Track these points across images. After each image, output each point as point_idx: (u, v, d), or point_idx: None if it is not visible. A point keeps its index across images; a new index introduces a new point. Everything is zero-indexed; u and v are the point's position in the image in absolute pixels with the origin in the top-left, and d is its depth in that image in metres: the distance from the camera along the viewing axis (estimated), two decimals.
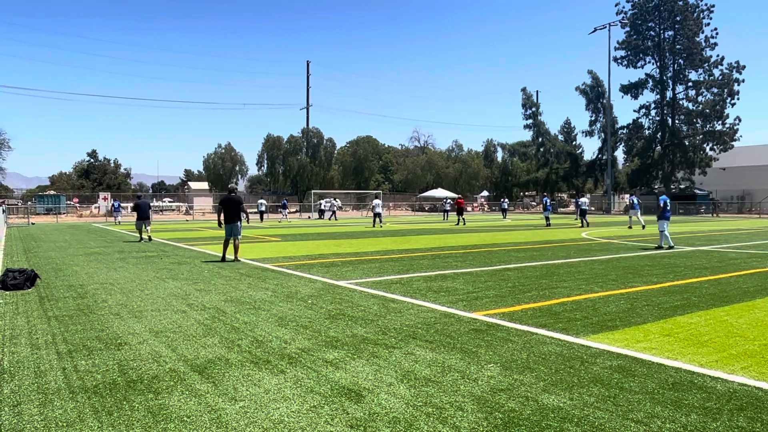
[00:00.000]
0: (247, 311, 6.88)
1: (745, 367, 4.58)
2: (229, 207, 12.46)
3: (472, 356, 4.91)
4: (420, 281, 9.27)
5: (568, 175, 61.51)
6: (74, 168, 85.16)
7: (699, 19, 52.73)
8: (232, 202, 12.53)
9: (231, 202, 12.52)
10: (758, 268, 10.90)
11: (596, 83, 58.63)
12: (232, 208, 12.45)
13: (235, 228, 12.43)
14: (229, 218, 12.42)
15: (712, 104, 52.34)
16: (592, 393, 3.98)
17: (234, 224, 12.44)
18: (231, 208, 12.46)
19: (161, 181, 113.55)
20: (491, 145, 76.92)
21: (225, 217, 12.43)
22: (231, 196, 12.67)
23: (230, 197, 12.62)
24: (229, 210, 12.43)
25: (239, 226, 12.53)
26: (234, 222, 12.43)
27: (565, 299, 7.56)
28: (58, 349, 5.18)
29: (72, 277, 10.04)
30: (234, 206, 12.49)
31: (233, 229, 12.43)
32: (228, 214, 12.41)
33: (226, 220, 12.43)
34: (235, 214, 12.44)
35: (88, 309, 7.06)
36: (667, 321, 6.22)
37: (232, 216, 12.41)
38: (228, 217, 12.42)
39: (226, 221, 12.44)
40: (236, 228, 12.45)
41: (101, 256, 13.80)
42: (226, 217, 12.42)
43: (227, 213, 12.40)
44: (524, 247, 15.80)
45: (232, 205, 12.48)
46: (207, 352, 5.08)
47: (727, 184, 54.30)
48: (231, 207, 12.46)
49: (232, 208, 12.45)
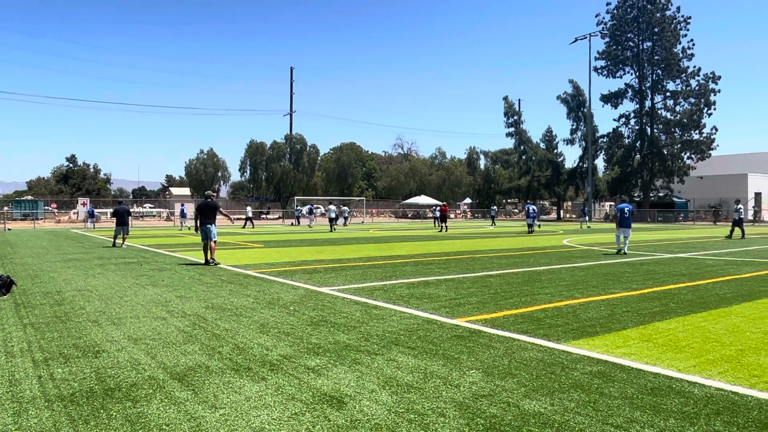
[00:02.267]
0: (228, 318, 6.82)
1: (722, 372, 4.65)
2: (205, 212, 13.12)
3: (455, 362, 4.92)
4: (403, 288, 9.27)
5: (549, 183, 62.09)
6: (53, 173, 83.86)
7: (676, 31, 53.80)
8: (208, 207, 13.26)
9: (207, 207, 13.24)
10: (734, 275, 11.10)
11: (577, 92, 59.39)
12: (209, 213, 13.11)
13: (209, 231, 12.92)
14: (205, 222, 13.00)
15: (690, 114, 53.34)
16: (573, 398, 4.01)
17: (209, 227, 12.98)
18: (207, 212, 13.12)
19: (142, 187, 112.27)
20: (474, 153, 77.46)
21: (201, 222, 13.07)
22: (207, 201, 13.40)
23: (207, 203, 13.36)
24: (205, 215, 13.08)
25: (214, 230, 13.03)
26: (210, 225, 13.01)
27: (547, 305, 7.62)
28: (34, 357, 5.08)
29: (49, 283, 9.86)
30: (210, 211, 13.17)
31: (209, 232, 12.92)
32: (204, 219, 13.02)
33: (202, 224, 13.04)
34: (211, 218, 13.09)
35: (65, 316, 6.93)
36: (647, 327, 6.30)
37: (208, 220, 13.02)
38: (204, 221, 13.01)
39: (202, 225, 13.04)
40: (211, 231, 12.94)
41: (79, 262, 13.58)
42: (202, 221, 13.04)
43: (203, 218, 13.05)
44: (507, 254, 15.90)
45: (208, 210, 13.17)
46: (187, 359, 5.02)
47: (704, 193, 55.29)
48: (207, 212, 13.13)
49: (208, 213, 13.11)
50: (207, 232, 12.93)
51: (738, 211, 24.83)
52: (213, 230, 13.01)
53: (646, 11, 54.21)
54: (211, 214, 13.15)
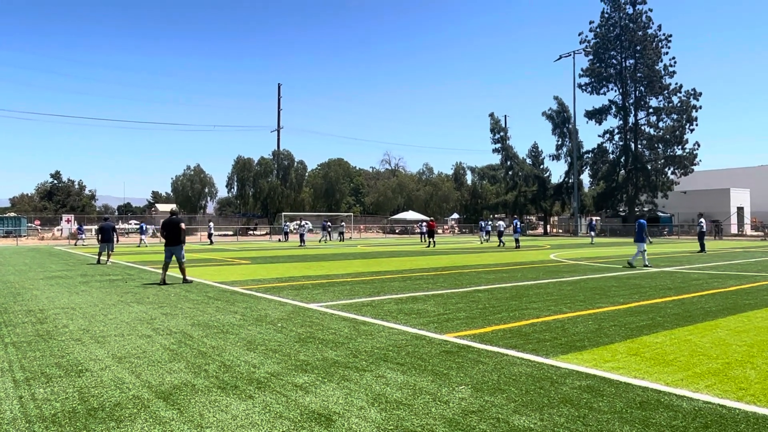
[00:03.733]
0: (214, 335, 6.74)
1: (709, 385, 4.67)
2: (169, 230, 12.40)
3: (444, 378, 4.89)
4: (391, 303, 9.24)
5: (536, 198, 62.56)
6: (37, 189, 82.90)
7: (658, 49, 54.84)
8: (172, 224, 12.45)
9: (171, 225, 12.44)
10: (719, 288, 11.21)
11: (562, 108, 60.16)
12: (173, 231, 12.38)
13: (176, 250, 12.31)
14: (169, 241, 12.37)
15: (672, 130, 54.18)
16: (562, 413, 4.00)
17: (175, 247, 12.32)
18: (171, 230, 12.39)
19: (127, 203, 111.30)
20: (461, 168, 77.87)
21: (166, 240, 12.42)
22: (172, 218, 12.57)
23: (171, 220, 12.54)
24: (169, 233, 12.38)
25: (180, 248, 12.36)
26: (174, 245, 12.32)
27: (535, 320, 7.63)
28: (15, 377, 4.97)
29: (31, 301, 9.69)
30: (174, 229, 12.39)
31: (174, 252, 12.32)
32: (168, 237, 12.39)
33: (167, 242, 12.40)
34: (175, 236, 12.34)
35: (47, 335, 6.81)
36: (634, 341, 6.33)
37: (172, 239, 12.34)
38: (168, 240, 12.38)
39: (166, 244, 12.41)
40: (178, 251, 12.31)
41: (63, 279, 13.38)
42: (167, 239, 12.40)
43: (167, 236, 12.39)
44: (494, 269, 15.93)
45: (172, 227, 12.41)
46: (172, 377, 4.94)
47: (688, 207, 56.00)
48: (171, 230, 12.40)
49: (172, 231, 12.38)
50: (172, 252, 12.30)
51: (699, 225, 25.26)
52: (179, 250, 12.30)
53: (629, 30, 55.27)
54: (176, 232, 12.36)
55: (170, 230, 12.39)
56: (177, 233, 12.37)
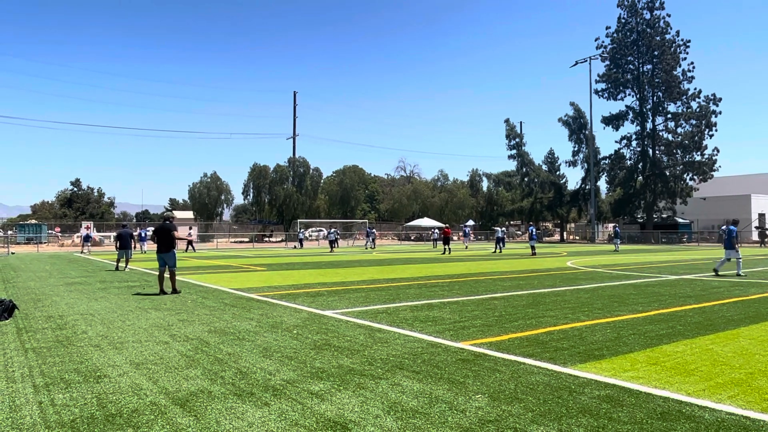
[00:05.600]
0: (231, 342, 6.76)
1: (732, 396, 4.57)
2: (160, 236, 11.98)
3: (460, 387, 4.85)
4: (406, 311, 9.20)
5: (552, 205, 62.09)
6: (57, 197, 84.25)
7: (676, 54, 54.30)
8: (163, 230, 12.02)
9: (162, 231, 12.02)
10: (741, 296, 11.00)
11: (578, 115, 59.76)
12: (164, 237, 11.96)
13: (168, 258, 11.84)
14: (161, 248, 11.90)
15: (691, 135, 53.52)
16: (581, 423, 3.94)
17: (166, 254, 11.85)
18: (162, 237, 11.97)
19: (145, 210, 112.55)
20: (476, 175, 77.64)
21: (157, 247, 11.97)
22: (164, 224, 12.14)
23: (162, 226, 12.11)
24: (161, 239, 11.96)
25: (172, 256, 11.90)
26: (166, 252, 11.86)
27: (552, 328, 7.55)
28: (35, 383, 5.03)
29: (51, 307, 9.82)
30: (165, 235, 11.97)
31: (165, 259, 11.83)
32: (159, 243, 11.95)
33: (158, 249, 11.93)
34: (166, 243, 11.91)
35: (67, 340, 6.89)
36: (654, 350, 6.22)
37: (163, 245, 11.90)
38: (159, 247, 11.93)
39: (158, 251, 11.93)
40: (169, 257, 11.85)
41: (82, 286, 13.55)
42: (159, 246, 11.96)
43: (159, 242, 11.96)
44: (510, 276, 15.81)
45: (163, 234, 11.99)
46: (189, 384, 4.96)
47: (708, 213, 55.19)
48: (162, 236, 11.98)
49: (163, 238, 11.96)
50: (165, 259, 11.82)
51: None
52: (170, 257, 11.84)
53: (646, 35, 54.82)
54: (168, 239, 11.92)
55: (161, 237, 11.96)
56: (168, 240, 11.92)
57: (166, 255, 11.87)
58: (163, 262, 11.87)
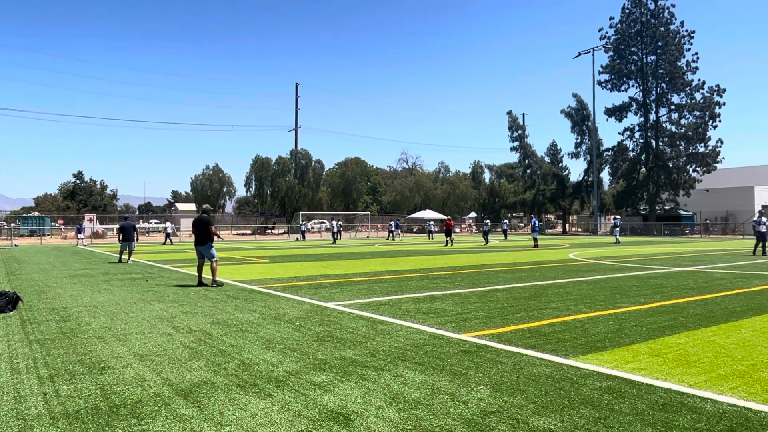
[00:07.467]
0: (233, 334, 6.79)
1: (734, 387, 4.58)
2: (198, 229, 11.91)
3: (462, 378, 4.87)
4: (409, 303, 9.22)
5: (554, 197, 62.01)
6: (60, 189, 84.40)
7: (680, 45, 53.97)
8: (200, 223, 11.93)
9: (199, 223, 11.94)
10: (743, 288, 10.99)
11: (581, 106, 59.53)
12: (201, 230, 11.87)
13: (205, 250, 11.82)
14: (198, 241, 11.88)
15: (695, 127, 53.30)
16: (583, 415, 3.95)
17: (203, 246, 11.83)
18: (199, 229, 11.90)
19: (148, 203, 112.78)
20: (478, 167, 77.49)
21: (195, 240, 11.95)
22: (201, 216, 12.07)
23: (200, 218, 12.05)
24: (197, 232, 11.90)
25: (209, 248, 11.85)
26: (203, 244, 11.83)
27: (554, 320, 7.56)
28: (39, 374, 5.06)
29: (55, 299, 9.87)
30: (201, 228, 11.89)
31: (203, 252, 11.84)
32: (196, 237, 11.91)
33: (196, 242, 11.91)
34: (203, 235, 11.83)
35: (70, 332, 6.92)
36: (656, 341, 6.23)
37: (200, 238, 11.86)
38: (197, 240, 11.90)
39: (196, 243, 11.92)
40: (206, 250, 11.82)
41: (85, 278, 13.60)
42: (196, 239, 11.91)
43: (196, 235, 11.90)
44: (512, 268, 15.82)
45: (200, 226, 11.91)
46: (192, 375, 4.99)
47: (711, 205, 55.05)
48: (200, 228, 11.90)
49: (200, 230, 11.88)
50: (202, 252, 11.84)
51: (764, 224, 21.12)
52: (207, 249, 11.83)
53: (650, 26, 54.47)
54: (204, 231, 11.83)
55: (198, 229, 11.88)
56: (205, 232, 11.85)
57: (203, 247, 11.83)
58: (201, 255, 11.89)
